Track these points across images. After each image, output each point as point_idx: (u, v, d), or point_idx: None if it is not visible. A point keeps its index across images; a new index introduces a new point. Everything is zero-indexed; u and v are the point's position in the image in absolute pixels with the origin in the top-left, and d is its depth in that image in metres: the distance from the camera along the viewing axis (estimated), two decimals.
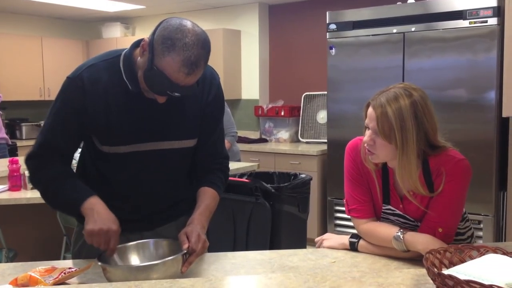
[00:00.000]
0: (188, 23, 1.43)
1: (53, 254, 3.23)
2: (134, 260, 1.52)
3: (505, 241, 3.67)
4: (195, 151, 1.70)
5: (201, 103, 1.64)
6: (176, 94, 1.45)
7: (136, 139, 1.57)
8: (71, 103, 1.53)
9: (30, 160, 1.59)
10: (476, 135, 3.63)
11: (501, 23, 3.52)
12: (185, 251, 1.42)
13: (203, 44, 1.42)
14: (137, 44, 1.54)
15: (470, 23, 3.62)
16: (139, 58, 1.49)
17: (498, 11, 3.51)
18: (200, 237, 1.47)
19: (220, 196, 1.71)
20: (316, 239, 1.83)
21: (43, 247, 3.46)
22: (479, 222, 3.68)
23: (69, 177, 1.58)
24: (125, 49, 1.58)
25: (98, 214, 1.47)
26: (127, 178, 1.63)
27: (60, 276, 1.39)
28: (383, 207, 1.68)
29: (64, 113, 1.54)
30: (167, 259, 1.39)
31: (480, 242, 3.48)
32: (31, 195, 3.02)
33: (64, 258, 3.11)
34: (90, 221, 1.46)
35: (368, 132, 1.57)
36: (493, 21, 3.52)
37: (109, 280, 1.38)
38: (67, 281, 1.41)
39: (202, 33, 1.44)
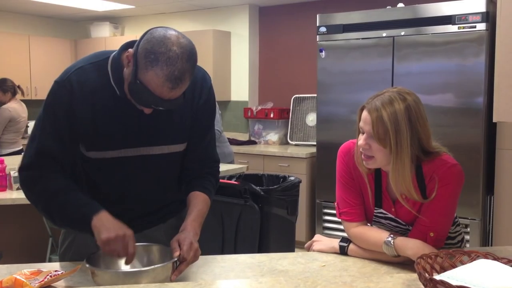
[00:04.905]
0: (172, 34, 1.38)
1: (39, 256, 3.19)
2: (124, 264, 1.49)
3: (491, 245, 3.71)
4: (185, 155, 1.68)
5: (191, 107, 1.61)
6: (161, 108, 1.42)
7: (124, 144, 1.54)
8: (60, 108, 1.48)
9: (25, 172, 1.52)
10: (464, 139, 3.65)
11: (490, 29, 3.56)
12: (176, 259, 1.41)
13: (188, 57, 1.38)
14: (125, 47, 1.49)
15: (459, 28, 3.65)
16: (125, 68, 1.45)
17: (487, 17, 3.54)
18: (192, 245, 1.45)
19: (211, 201, 1.69)
20: (306, 245, 1.82)
21: (29, 249, 3.42)
22: (466, 226, 3.71)
23: (71, 191, 1.52)
24: (114, 51, 1.53)
25: (110, 222, 1.44)
26: (116, 183, 1.60)
27: (46, 279, 1.36)
28: (375, 211, 1.68)
29: (55, 118, 1.49)
30: (156, 266, 1.38)
31: (468, 246, 3.51)
32: (17, 195, 2.97)
33: (50, 260, 3.07)
34: (103, 230, 1.42)
35: (363, 136, 1.56)
36: (481, 26, 3.56)
37: (97, 283, 1.36)
38: (53, 284, 1.39)
39: (187, 45, 1.39)
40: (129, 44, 1.48)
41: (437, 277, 1.19)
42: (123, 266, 1.48)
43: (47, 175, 1.50)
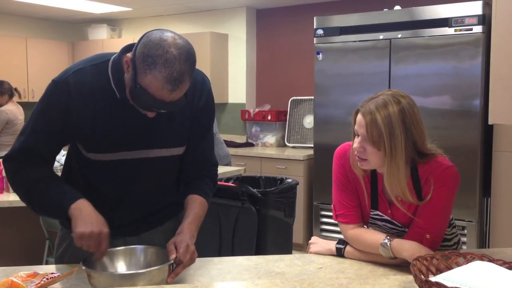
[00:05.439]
0: (169, 36, 1.37)
1: (35, 258, 3.18)
2: (121, 265, 1.50)
3: (488, 247, 3.71)
4: (183, 158, 1.68)
5: (190, 110, 1.61)
6: (163, 110, 1.42)
7: (123, 147, 1.54)
8: (55, 107, 1.48)
9: (8, 163, 1.53)
10: (461, 141, 3.66)
11: (486, 31, 3.57)
12: (172, 261, 1.41)
13: (186, 57, 1.37)
14: (125, 50, 1.49)
15: (455, 30, 3.66)
16: (125, 74, 1.45)
17: (483, 19, 3.55)
18: (189, 248, 1.45)
19: (209, 204, 1.69)
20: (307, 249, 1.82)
21: (26, 251, 3.41)
22: (463, 228, 3.71)
23: (53, 179, 1.53)
24: (114, 53, 1.53)
25: (88, 215, 1.43)
26: (114, 185, 1.60)
27: (42, 282, 1.36)
28: (371, 213, 1.69)
29: (48, 116, 1.49)
30: (153, 268, 1.37)
31: (464, 248, 3.51)
32: (14, 198, 2.97)
33: (47, 263, 3.07)
34: (80, 223, 1.41)
35: (357, 139, 1.57)
36: (478, 29, 3.57)
37: (93, 286, 1.36)
38: (49, 287, 1.39)
39: (184, 45, 1.38)
40: (130, 47, 1.48)
41: (432, 279, 1.19)
42: (120, 268, 1.48)
43: (30, 165, 1.51)
